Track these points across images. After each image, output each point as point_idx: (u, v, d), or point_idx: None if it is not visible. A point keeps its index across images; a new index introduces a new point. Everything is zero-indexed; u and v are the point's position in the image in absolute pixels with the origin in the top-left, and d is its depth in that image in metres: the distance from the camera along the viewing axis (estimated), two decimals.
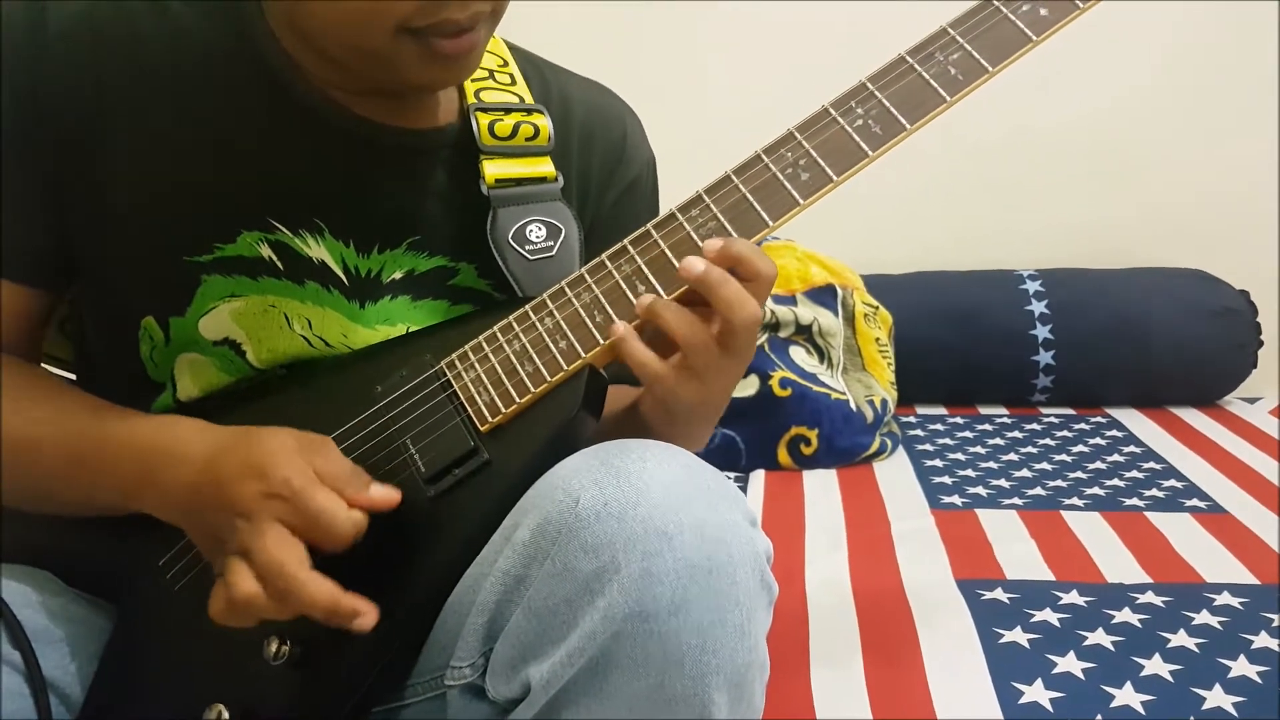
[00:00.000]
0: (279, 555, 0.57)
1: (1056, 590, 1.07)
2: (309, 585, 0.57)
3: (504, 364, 0.67)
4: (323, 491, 0.59)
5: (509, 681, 0.59)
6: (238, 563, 0.58)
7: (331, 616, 0.58)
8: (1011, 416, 1.81)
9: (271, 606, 0.57)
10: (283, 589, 0.57)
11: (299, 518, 0.58)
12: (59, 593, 0.70)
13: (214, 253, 0.71)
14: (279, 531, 0.58)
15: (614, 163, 0.83)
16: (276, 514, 0.58)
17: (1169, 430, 1.69)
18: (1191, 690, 0.86)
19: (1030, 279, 1.88)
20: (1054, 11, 0.67)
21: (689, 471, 0.58)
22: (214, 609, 0.60)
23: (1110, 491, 1.40)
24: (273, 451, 0.61)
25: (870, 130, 0.67)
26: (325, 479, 0.60)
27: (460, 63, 0.67)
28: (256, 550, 0.57)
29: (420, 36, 0.64)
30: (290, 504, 0.58)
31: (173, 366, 0.73)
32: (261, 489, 0.59)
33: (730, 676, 0.55)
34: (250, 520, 0.58)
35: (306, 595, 0.57)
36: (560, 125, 0.80)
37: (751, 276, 0.64)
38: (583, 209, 0.81)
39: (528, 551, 0.58)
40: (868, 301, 1.74)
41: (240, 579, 0.57)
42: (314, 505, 0.58)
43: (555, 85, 0.83)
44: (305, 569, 0.57)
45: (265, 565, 0.57)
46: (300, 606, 0.57)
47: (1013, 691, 0.87)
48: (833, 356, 1.66)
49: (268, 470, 0.59)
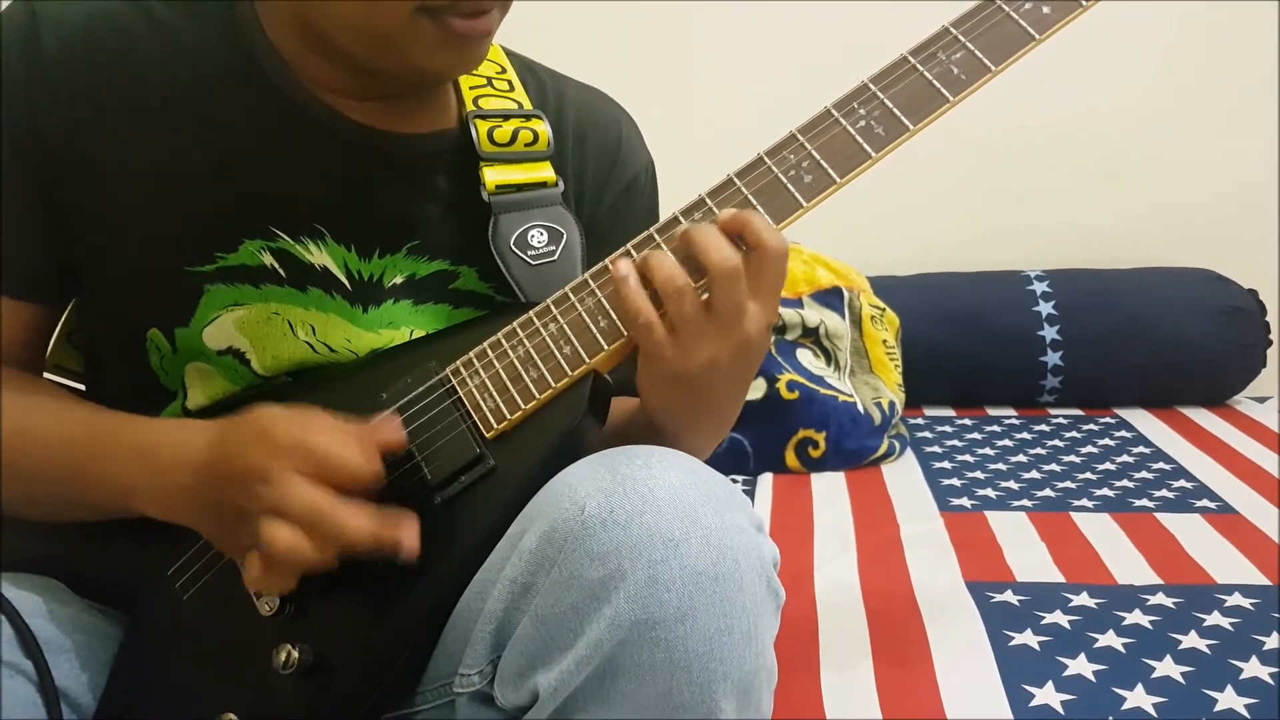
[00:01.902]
0: (311, 497, 0.57)
1: (1067, 592, 1.06)
2: (349, 518, 0.57)
3: (508, 370, 0.67)
4: (326, 436, 0.59)
5: (517, 689, 0.59)
6: (270, 520, 0.57)
7: (376, 547, 0.58)
8: (1020, 418, 1.80)
9: (313, 550, 0.57)
10: (322, 528, 0.57)
11: (313, 464, 0.58)
12: (70, 602, 0.71)
13: (216, 262, 0.71)
14: (303, 481, 0.58)
15: (609, 166, 0.83)
16: (295, 467, 0.58)
17: (1178, 430, 1.68)
18: (1203, 692, 0.86)
19: (1037, 279, 1.87)
20: (1056, 10, 0.67)
21: (695, 477, 0.58)
22: (249, 576, 0.60)
23: (1120, 493, 1.39)
24: (272, 418, 0.61)
25: (873, 131, 0.66)
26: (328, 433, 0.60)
27: (473, 47, 0.68)
28: (287, 500, 0.57)
29: (437, 18, 0.64)
30: (300, 453, 0.58)
31: (183, 375, 0.73)
32: (269, 449, 0.59)
33: (738, 683, 0.55)
34: (269, 481, 0.58)
35: (350, 528, 0.57)
36: (556, 129, 0.80)
37: (755, 245, 0.63)
38: (579, 212, 0.80)
39: (534, 559, 0.58)
40: (874, 303, 1.73)
41: (277, 531, 0.57)
42: (322, 447, 0.59)
43: (552, 89, 0.83)
44: (340, 505, 0.57)
45: (301, 509, 0.57)
46: (342, 541, 0.57)
47: (1023, 694, 0.87)
48: (840, 359, 1.66)
49: (271, 432, 0.59)
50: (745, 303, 0.63)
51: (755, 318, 0.64)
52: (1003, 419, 1.80)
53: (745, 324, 0.63)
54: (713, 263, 0.62)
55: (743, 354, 0.64)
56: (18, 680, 0.62)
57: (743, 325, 0.63)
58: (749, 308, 0.63)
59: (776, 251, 0.63)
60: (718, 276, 0.62)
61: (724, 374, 0.65)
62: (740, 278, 0.62)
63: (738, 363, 0.65)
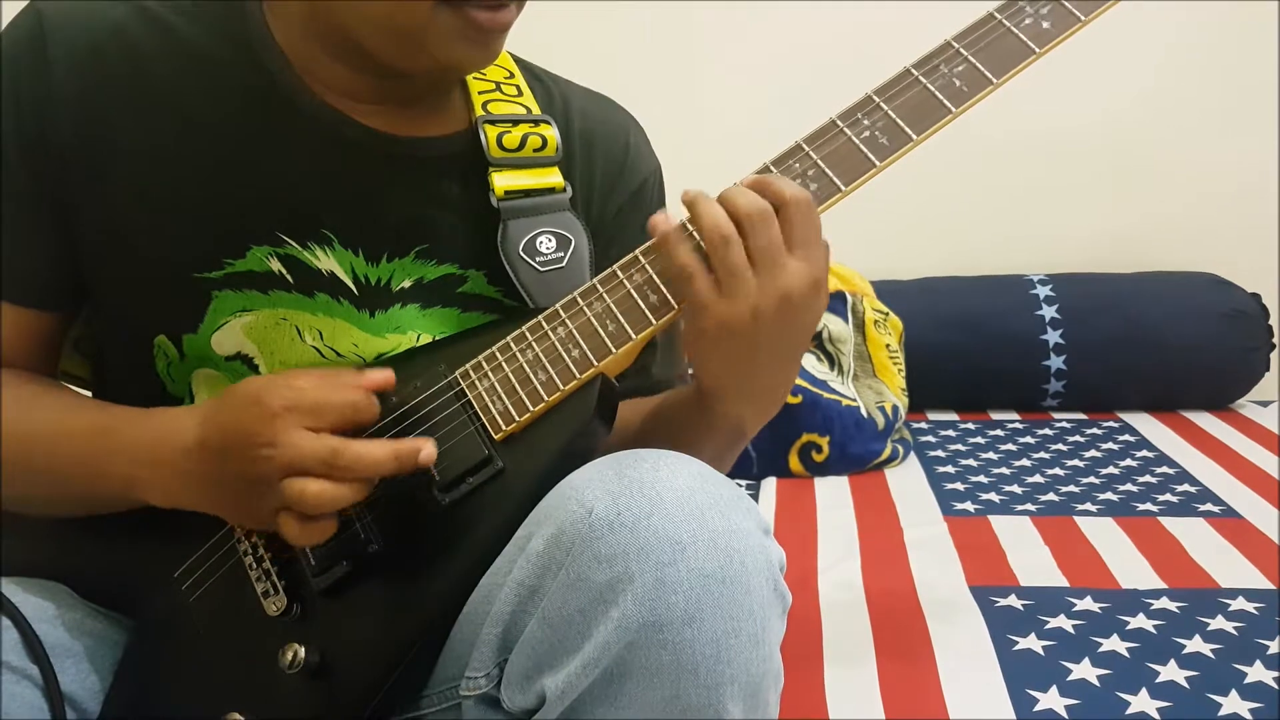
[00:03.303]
0: (322, 444, 0.59)
1: (1070, 597, 1.06)
2: (367, 452, 0.59)
3: (517, 373, 0.67)
4: (315, 387, 0.61)
5: (524, 692, 0.59)
6: (290, 480, 0.59)
7: (401, 466, 0.60)
8: (1023, 422, 1.80)
9: (344, 490, 0.59)
10: (342, 464, 0.58)
11: (314, 417, 0.60)
12: (75, 607, 0.71)
13: (224, 269, 0.71)
14: (308, 433, 0.59)
15: (616, 172, 0.83)
16: (296, 424, 0.59)
17: (1182, 434, 1.68)
18: (1207, 696, 0.86)
19: (1040, 283, 1.88)
20: (1056, 24, 0.68)
21: (702, 480, 0.58)
22: (291, 533, 0.61)
23: (1124, 497, 1.39)
24: (259, 384, 0.62)
25: (877, 141, 0.67)
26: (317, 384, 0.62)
27: (492, 41, 0.68)
28: (299, 454, 0.58)
29: (458, 9, 0.65)
30: (298, 409, 0.60)
31: (190, 381, 0.73)
32: (265, 412, 0.60)
33: (745, 686, 0.55)
34: (275, 442, 0.59)
35: (371, 459, 0.59)
36: (564, 135, 0.80)
37: (777, 201, 0.64)
38: (587, 217, 0.81)
39: (542, 562, 0.59)
40: (878, 308, 1.73)
41: (303, 485, 0.58)
42: (315, 397, 0.60)
43: (559, 95, 0.83)
44: (353, 442, 0.59)
45: (316, 457, 0.58)
46: (368, 471, 0.59)
47: (1028, 699, 0.87)
48: (843, 363, 1.66)
49: (263, 397, 0.60)
50: (780, 250, 0.64)
51: (796, 271, 0.64)
52: (1006, 423, 1.80)
53: (785, 275, 0.64)
54: (741, 209, 0.63)
55: (785, 308, 0.64)
56: (23, 685, 0.62)
57: (784, 274, 0.64)
58: (787, 261, 0.64)
59: (799, 200, 0.64)
60: (749, 221, 0.63)
61: (769, 327, 0.64)
62: (771, 220, 0.64)
63: (782, 317, 0.64)
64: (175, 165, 0.70)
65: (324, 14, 0.68)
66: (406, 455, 0.60)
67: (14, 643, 0.63)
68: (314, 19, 0.69)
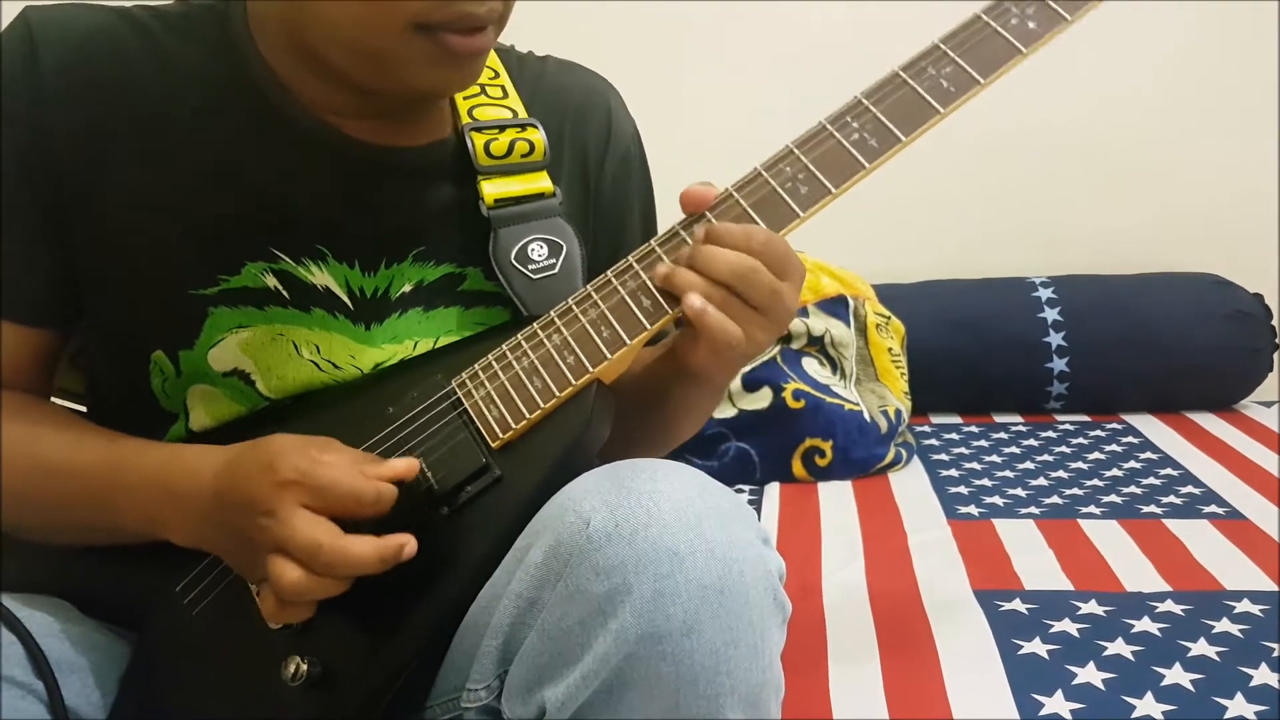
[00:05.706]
0: (311, 533, 0.57)
1: (1075, 600, 1.06)
2: (350, 549, 0.58)
3: (513, 381, 0.67)
4: (329, 466, 0.60)
5: (525, 703, 0.59)
6: (276, 558, 0.58)
7: (384, 566, 0.58)
8: (1026, 424, 1.80)
9: (321, 584, 0.58)
10: (326, 562, 0.57)
11: (316, 497, 0.59)
12: (79, 622, 0.71)
13: (219, 285, 0.71)
14: (305, 514, 0.58)
15: (605, 140, 0.84)
16: (297, 500, 0.59)
17: (1185, 436, 1.68)
18: (1213, 699, 0.86)
19: (1042, 286, 1.87)
20: (1042, 24, 0.68)
21: (700, 490, 0.58)
22: (266, 610, 0.60)
23: (1128, 499, 1.39)
24: (280, 447, 0.61)
25: (866, 143, 0.68)
26: (332, 463, 0.61)
27: (468, 65, 0.68)
28: (289, 537, 0.58)
29: (432, 35, 0.64)
30: (304, 486, 0.59)
31: (185, 397, 0.73)
32: (274, 480, 0.59)
33: (745, 697, 0.55)
34: (274, 515, 0.58)
35: (353, 558, 0.57)
36: (555, 113, 0.80)
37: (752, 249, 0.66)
38: (585, 181, 0.81)
39: (540, 574, 0.59)
40: (879, 311, 1.73)
41: (283, 570, 0.57)
42: (325, 478, 0.59)
43: (539, 78, 0.83)
44: (340, 537, 0.58)
45: (302, 547, 0.57)
46: (349, 571, 0.58)
47: (1033, 703, 0.86)
48: (845, 367, 1.66)
49: (276, 463, 0.60)
50: (778, 290, 0.66)
51: (789, 294, 0.67)
52: (1009, 426, 1.80)
53: (785, 301, 0.67)
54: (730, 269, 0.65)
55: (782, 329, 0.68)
56: (28, 700, 0.62)
57: (783, 304, 0.66)
58: (781, 286, 0.66)
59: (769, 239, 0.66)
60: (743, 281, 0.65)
61: (760, 348, 0.68)
62: (760, 270, 0.65)
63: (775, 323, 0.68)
64: (168, 183, 0.70)
65: (298, 34, 0.68)
66: (389, 556, 0.59)
67: (19, 657, 0.63)
68: (290, 35, 0.69)
